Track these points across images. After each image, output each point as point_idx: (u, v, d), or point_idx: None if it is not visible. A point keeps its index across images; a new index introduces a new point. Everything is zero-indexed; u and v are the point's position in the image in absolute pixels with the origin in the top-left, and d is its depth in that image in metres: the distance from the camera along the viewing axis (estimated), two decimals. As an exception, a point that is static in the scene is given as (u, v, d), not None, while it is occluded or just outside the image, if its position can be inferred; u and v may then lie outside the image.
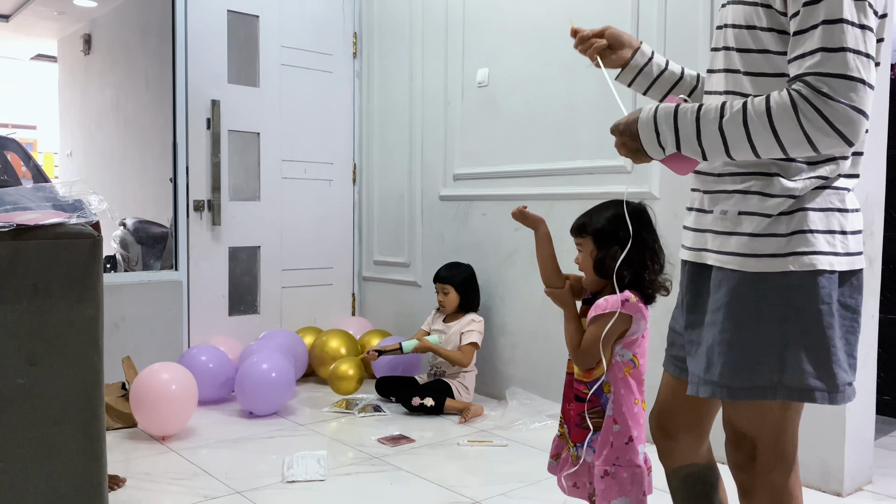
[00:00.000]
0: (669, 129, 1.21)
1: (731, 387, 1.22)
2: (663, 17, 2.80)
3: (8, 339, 1.30)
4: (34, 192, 1.50)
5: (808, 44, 1.11)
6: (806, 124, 1.09)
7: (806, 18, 1.11)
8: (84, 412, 1.38)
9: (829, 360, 1.18)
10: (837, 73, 1.08)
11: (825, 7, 1.09)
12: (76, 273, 1.35)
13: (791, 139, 1.11)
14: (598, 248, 1.66)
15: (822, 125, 1.09)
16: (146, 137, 5.16)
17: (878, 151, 2.45)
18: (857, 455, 2.42)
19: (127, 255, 4.82)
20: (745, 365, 1.20)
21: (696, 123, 1.18)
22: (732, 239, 1.24)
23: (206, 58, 3.78)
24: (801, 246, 1.18)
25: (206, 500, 2.29)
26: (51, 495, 1.34)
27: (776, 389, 1.19)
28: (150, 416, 2.80)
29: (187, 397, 2.85)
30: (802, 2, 1.12)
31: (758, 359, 1.19)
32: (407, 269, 4.09)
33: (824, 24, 1.09)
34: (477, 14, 3.62)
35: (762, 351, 1.19)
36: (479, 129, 3.62)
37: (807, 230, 1.18)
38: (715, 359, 1.24)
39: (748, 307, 1.21)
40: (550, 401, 3.20)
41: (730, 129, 1.15)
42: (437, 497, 2.34)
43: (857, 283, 1.22)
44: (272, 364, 3.13)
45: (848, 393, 1.20)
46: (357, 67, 4.36)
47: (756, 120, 1.12)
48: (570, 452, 1.73)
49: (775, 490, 1.26)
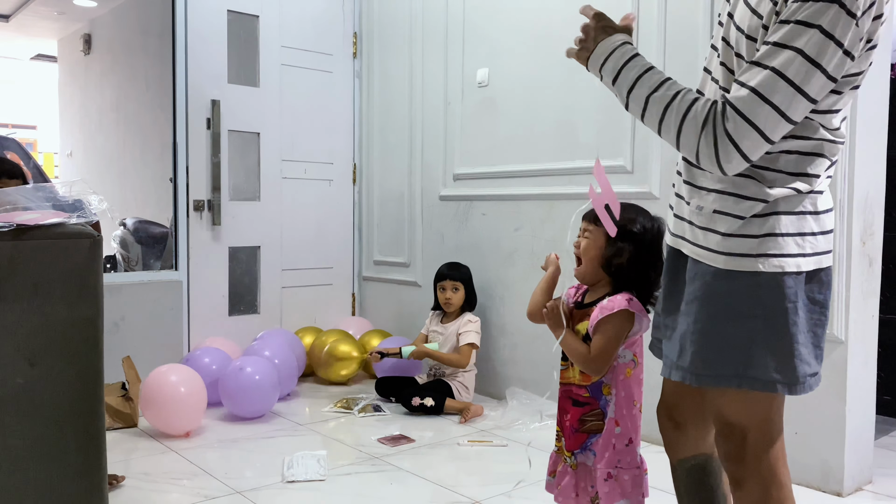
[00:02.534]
0: (615, 66, 1.31)
1: (699, 374, 1.29)
2: (663, 17, 2.80)
3: (8, 339, 1.30)
4: (34, 192, 1.50)
5: (748, 70, 1.16)
6: (702, 141, 1.19)
7: (775, 33, 1.15)
8: (84, 412, 1.37)
9: (791, 355, 1.24)
10: (744, 112, 1.14)
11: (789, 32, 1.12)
12: (76, 273, 1.35)
13: (684, 144, 1.22)
14: (608, 241, 1.64)
15: (710, 151, 1.18)
16: (146, 137, 5.16)
17: (878, 151, 2.45)
18: (857, 455, 2.41)
19: (127, 255, 4.82)
20: (714, 355, 1.27)
21: (634, 80, 1.27)
22: (708, 234, 1.29)
23: (206, 58, 3.78)
24: (771, 248, 1.24)
25: (206, 500, 2.29)
26: (51, 495, 1.34)
27: (741, 378, 1.26)
28: (161, 416, 2.87)
29: (198, 398, 2.92)
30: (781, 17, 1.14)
31: (726, 350, 1.26)
32: (407, 269, 4.09)
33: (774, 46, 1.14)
34: (477, 14, 3.62)
35: (731, 343, 1.26)
36: (479, 129, 3.62)
37: (777, 233, 1.24)
38: (687, 346, 1.31)
39: (720, 301, 1.27)
40: (550, 401, 3.20)
41: (653, 105, 1.25)
42: (437, 497, 2.34)
43: (825, 279, 1.28)
44: (256, 368, 3.12)
45: (809, 383, 1.26)
46: (357, 67, 4.36)
47: (674, 112, 1.21)
48: (567, 464, 1.70)
49: (765, 478, 1.30)
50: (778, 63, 1.12)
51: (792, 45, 1.11)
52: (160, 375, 2.89)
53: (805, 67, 1.11)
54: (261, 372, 3.12)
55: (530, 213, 3.38)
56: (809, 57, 1.10)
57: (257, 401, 3.12)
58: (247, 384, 3.09)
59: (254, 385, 3.09)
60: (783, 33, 1.12)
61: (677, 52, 2.76)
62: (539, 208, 3.34)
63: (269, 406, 3.19)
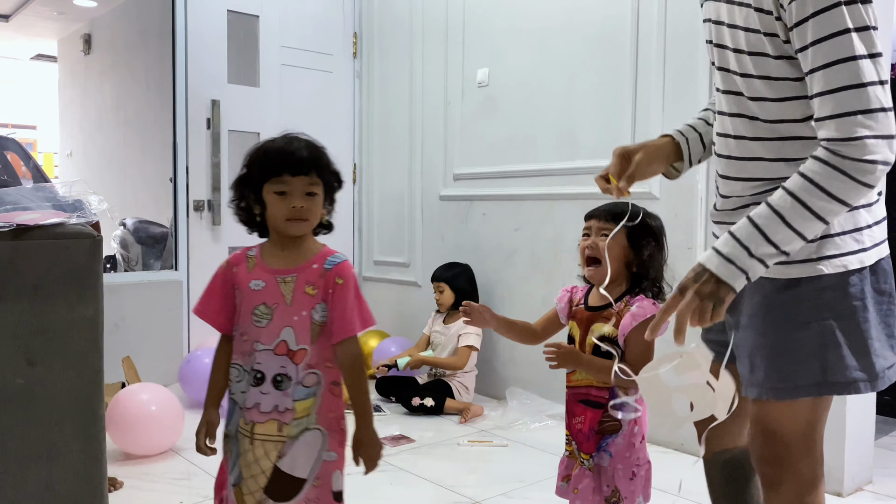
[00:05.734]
0: (744, 253, 1.15)
1: (776, 388, 1.24)
2: (663, 18, 2.80)
3: (8, 339, 1.30)
4: (34, 192, 1.49)
5: (823, 106, 1.11)
6: (851, 188, 1.10)
7: (816, 57, 1.10)
8: (84, 412, 1.37)
9: (867, 353, 1.21)
10: (834, 143, 1.09)
11: (833, 46, 1.08)
12: (76, 273, 1.35)
13: (847, 193, 1.11)
14: (630, 242, 1.62)
15: (859, 186, 1.10)
16: (146, 137, 5.16)
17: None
18: (857, 455, 2.41)
19: (127, 255, 4.81)
20: (789, 367, 1.23)
21: (766, 238, 1.14)
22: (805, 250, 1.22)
23: (206, 58, 3.78)
24: (830, 250, 1.20)
25: (207, 500, 2.29)
26: (51, 495, 1.34)
27: (821, 386, 1.22)
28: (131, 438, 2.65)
29: (173, 417, 2.72)
30: (810, 40, 1.10)
31: (801, 360, 1.22)
32: (407, 269, 4.09)
33: (837, 64, 1.09)
34: (477, 14, 3.62)
35: (804, 352, 1.21)
36: (479, 129, 3.61)
37: (834, 234, 1.20)
38: (758, 362, 1.25)
39: (785, 311, 1.23)
40: (550, 401, 3.20)
41: (797, 222, 1.13)
42: (437, 497, 2.34)
43: (886, 267, 1.24)
44: None
45: (888, 376, 1.23)
46: (357, 67, 4.36)
47: (822, 204, 1.11)
48: (583, 467, 1.65)
49: (803, 481, 1.28)
50: (849, 76, 1.09)
51: (848, 56, 1.08)
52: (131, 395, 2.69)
53: (870, 65, 1.09)
54: None
55: (530, 213, 3.38)
56: (871, 53, 1.08)
57: None
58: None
59: None
60: (826, 51, 1.09)
61: (677, 52, 2.76)
62: (539, 208, 3.34)
63: None
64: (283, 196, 1.40)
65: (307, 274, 1.43)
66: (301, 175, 1.40)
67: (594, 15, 3.07)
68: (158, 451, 2.68)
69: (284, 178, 1.39)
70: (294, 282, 1.43)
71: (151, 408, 2.65)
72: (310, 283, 1.43)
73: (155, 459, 2.63)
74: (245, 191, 1.45)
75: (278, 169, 1.39)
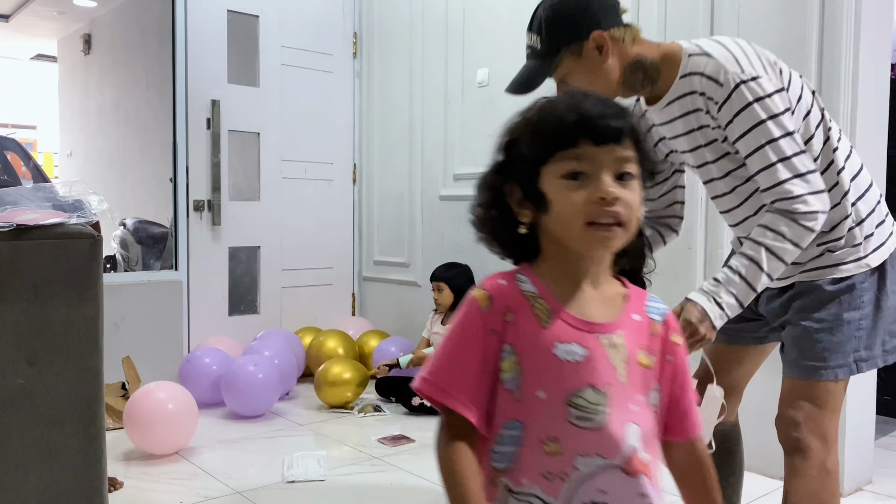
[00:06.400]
0: (733, 301, 1.38)
1: (827, 367, 1.45)
2: (663, 18, 2.80)
3: (8, 339, 1.30)
4: (34, 192, 1.50)
5: (764, 179, 1.38)
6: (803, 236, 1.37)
7: (747, 146, 1.38)
8: (84, 412, 1.37)
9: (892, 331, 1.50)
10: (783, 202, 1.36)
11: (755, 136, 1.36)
12: (76, 273, 1.35)
13: (798, 237, 1.36)
14: None
15: (807, 233, 1.36)
16: (146, 137, 5.16)
17: (878, 151, 2.45)
18: (857, 455, 2.41)
19: (127, 255, 4.82)
20: (836, 349, 1.45)
21: (749, 286, 1.38)
22: (819, 260, 1.48)
23: (206, 58, 3.78)
24: (872, 245, 1.47)
25: (206, 500, 2.29)
26: (51, 495, 1.34)
27: (860, 363, 1.46)
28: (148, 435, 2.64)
29: (188, 415, 2.71)
30: (737, 135, 1.38)
31: (843, 343, 1.45)
32: (407, 269, 4.09)
33: (763, 147, 1.36)
34: (477, 14, 3.62)
35: (847, 337, 1.45)
36: (479, 129, 3.61)
37: (869, 234, 1.47)
38: (807, 346, 1.47)
39: (839, 304, 1.46)
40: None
41: (773, 267, 1.38)
42: (437, 497, 2.34)
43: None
44: (259, 366, 3.12)
45: None
46: (357, 67, 4.36)
47: (781, 247, 1.36)
48: None
49: (827, 444, 1.46)
50: (774, 154, 1.35)
51: (769, 140, 1.35)
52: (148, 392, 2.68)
53: (788, 141, 1.35)
54: (263, 370, 3.12)
55: (530, 213, 3.38)
56: (785, 133, 1.35)
57: (259, 399, 3.12)
58: (249, 381, 3.09)
59: (256, 383, 3.09)
60: (753, 137, 1.36)
61: (677, 52, 2.76)
62: (539, 208, 3.34)
63: (269, 405, 3.19)
64: (581, 180, 0.86)
65: (634, 330, 0.90)
66: (610, 144, 0.85)
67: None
68: (173, 450, 2.68)
69: (583, 149, 0.85)
70: (625, 345, 0.88)
71: (168, 406, 2.64)
72: (642, 347, 0.90)
73: (155, 459, 2.63)
74: (503, 185, 0.94)
75: (572, 135, 0.85)
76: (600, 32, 1.45)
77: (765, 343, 1.66)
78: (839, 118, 2.31)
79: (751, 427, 2.11)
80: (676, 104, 1.48)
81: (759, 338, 1.65)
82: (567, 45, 1.45)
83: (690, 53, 1.44)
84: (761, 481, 2.34)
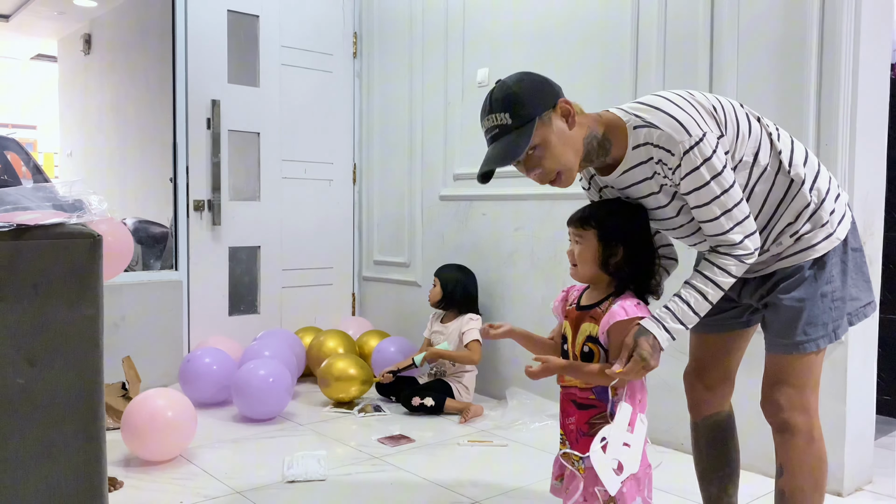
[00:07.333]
0: (680, 326, 1.58)
1: (808, 340, 1.61)
2: (663, 17, 2.80)
3: (8, 339, 1.30)
4: (34, 192, 1.49)
5: (709, 228, 1.57)
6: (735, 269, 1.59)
7: (697, 201, 1.55)
8: (84, 412, 1.37)
9: (858, 293, 1.68)
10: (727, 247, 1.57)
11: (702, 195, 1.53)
12: (76, 273, 1.35)
13: (739, 271, 1.58)
14: (602, 243, 1.64)
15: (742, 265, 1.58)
16: (146, 137, 5.16)
17: (878, 151, 2.45)
18: (857, 455, 2.41)
19: (127, 255, 4.81)
20: (815, 322, 1.61)
21: (695, 314, 1.58)
22: (797, 244, 1.63)
23: (206, 58, 3.78)
24: (838, 222, 1.62)
25: (206, 499, 2.29)
26: (51, 495, 1.34)
27: (837, 330, 1.63)
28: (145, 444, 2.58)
29: (186, 422, 2.65)
30: (687, 190, 1.54)
31: (821, 315, 1.61)
32: (407, 269, 4.09)
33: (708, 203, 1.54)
34: (477, 14, 3.62)
35: (824, 309, 1.62)
36: (480, 129, 3.60)
37: (833, 211, 1.61)
38: (790, 323, 1.62)
39: (816, 281, 1.61)
40: (550, 401, 3.20)
41: (716, 297, 1.58)
42: (437, 497, 2.34)
43: (853, 227, 1.67)
44: (269, 370, 3.11)
45: (868, 311, 1.70)
46: (357, 67, 4.37)
47: (725, 280, 1.58)
48: (575, 467, 1.65)
49: (811, 419, 1.63)
50: (718, 209, 1.54)
51: (713, 197, 1.53)
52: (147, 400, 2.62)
53: (728, 195, 1.53)
54: (275, 375, 3.10)
55: (530, 213, 3.38)
56: (725, 189, 1.53)
57: (270, 402, 3.10)
58: (261, 386, 3.06)
59: (268, 387, 3.07)
60: (701, 194, 1.53)
61: (677, 52, 2.76)
62: (539, 208, 3.34)
63: (280, 409, 3.17)
64: None
65: None
66: None
67: (594, 15, 3.06)
68: (171, 456, 2.62)
69: None
70: None
71: (168, 414, 2.56)
72: None
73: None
74: None
75: None
76: (565, 100, 1.60)
77: (749, 326, 1.81)
78: (839, 118, 2.31)
79: (750, 427, 2.11)
80: (634, 171, 1.61)
81: (744, 322, 1.80)
82: (539, 115, 1.57)
83: (635, 126, 1.57)
84: (761, 481, 2.34)
